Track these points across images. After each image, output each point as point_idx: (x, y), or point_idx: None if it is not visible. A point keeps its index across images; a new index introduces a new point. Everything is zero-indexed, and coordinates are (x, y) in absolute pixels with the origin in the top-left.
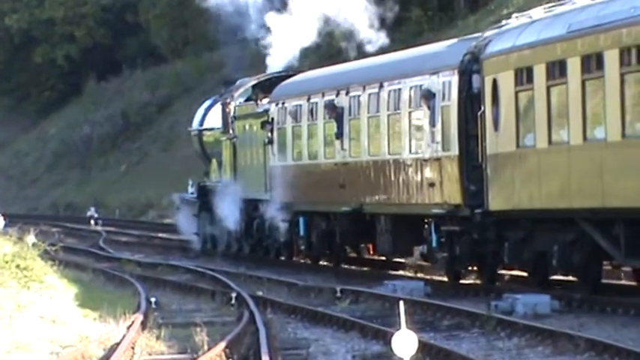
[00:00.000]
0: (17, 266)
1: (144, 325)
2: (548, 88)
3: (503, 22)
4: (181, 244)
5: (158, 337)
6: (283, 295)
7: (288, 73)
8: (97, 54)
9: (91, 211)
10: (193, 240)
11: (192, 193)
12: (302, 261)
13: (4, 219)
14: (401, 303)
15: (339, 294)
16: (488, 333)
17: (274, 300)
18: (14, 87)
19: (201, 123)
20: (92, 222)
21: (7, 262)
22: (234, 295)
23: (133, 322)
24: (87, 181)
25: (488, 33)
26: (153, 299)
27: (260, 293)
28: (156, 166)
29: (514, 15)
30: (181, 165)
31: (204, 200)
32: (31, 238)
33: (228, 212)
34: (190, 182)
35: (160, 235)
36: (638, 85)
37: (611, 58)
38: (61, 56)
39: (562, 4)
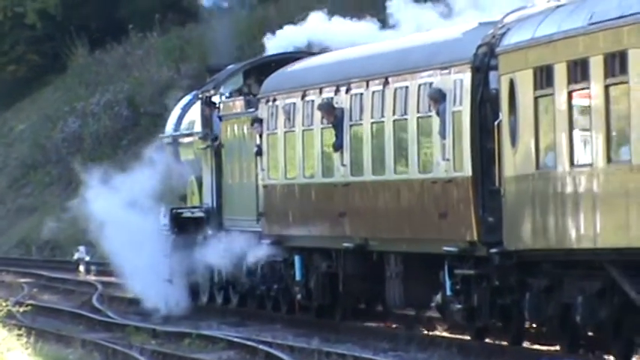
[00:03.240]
0: None
1: None
2: (569, 94)
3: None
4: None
5: None
6: None
7: (294, 54)
8: (90, 8)
9: (80, 252)
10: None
11: (164, 225)
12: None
13: None
14: None
15: None
16: None
17: None
18: None
19: (177, 127)
20: (82, 268)
21: None
22: None
23: None
24: (74, 205)
25: (508, 18)
26: None
27: None
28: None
29: None
30: None
31: (180, 234)
32: None
33: (211, 250)
34: (162, 210)
35: None
36: None
37: (636, 59)
38: (32, 11)
39: None
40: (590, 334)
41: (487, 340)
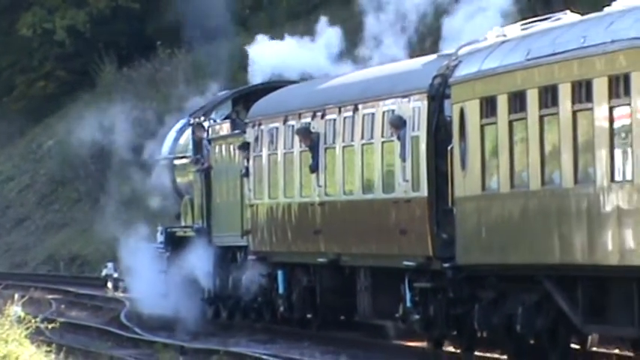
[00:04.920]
0: None
1: None
2: (510, 123)
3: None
4: (251, 319)
5: None
6: None
7: (279, 83)
8: (118, 25)
9: (108, 269)
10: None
11: (160, 243)
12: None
13: None
14: None
15: None
16: None
17: None
18: None
19: (173, 149)
20: (109, 285)
21: None
22: None
23: None
24: (102, 221)
25: (461, 51)
26: None
27: None
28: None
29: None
30: None
31: (174, 252)
32: (15, 310)
33: (201, 266)
34: (159, 229)
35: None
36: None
37: (565, 93)
38: (61, 28)
39: (544, 20)
40: (531, 342)
41: (444, 348)
